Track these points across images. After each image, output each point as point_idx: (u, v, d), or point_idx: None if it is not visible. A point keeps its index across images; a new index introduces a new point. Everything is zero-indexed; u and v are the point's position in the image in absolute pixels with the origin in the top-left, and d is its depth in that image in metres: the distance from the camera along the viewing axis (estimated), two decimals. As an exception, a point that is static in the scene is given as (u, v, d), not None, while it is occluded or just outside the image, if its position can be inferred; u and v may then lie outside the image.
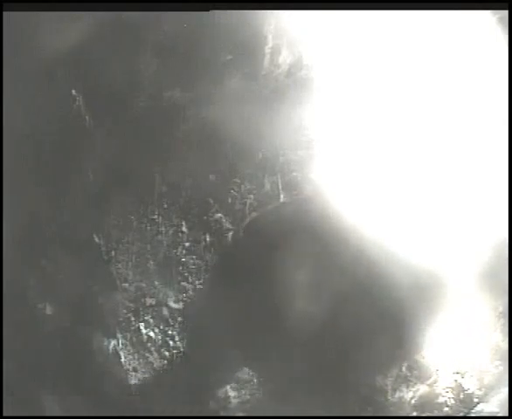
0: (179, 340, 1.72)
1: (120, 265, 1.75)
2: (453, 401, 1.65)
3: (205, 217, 1.78)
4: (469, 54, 1.71)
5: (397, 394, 1.66)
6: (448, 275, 1.71)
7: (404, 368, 1.67)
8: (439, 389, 1.66)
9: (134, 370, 1.70)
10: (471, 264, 1.70)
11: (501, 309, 1.67)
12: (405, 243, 1.73)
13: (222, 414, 1.69)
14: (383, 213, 1.75)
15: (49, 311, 1.70)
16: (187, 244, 1.77)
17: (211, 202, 1.78)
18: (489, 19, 1.68)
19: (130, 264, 1.75)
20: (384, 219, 1.75)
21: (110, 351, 1.71)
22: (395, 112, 1.75)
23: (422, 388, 1.67)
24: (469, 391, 1.65)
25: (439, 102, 1.73)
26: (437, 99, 1.73)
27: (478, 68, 1.71)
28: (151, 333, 1.72)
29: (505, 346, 1.65)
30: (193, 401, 1.70)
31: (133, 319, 1.73)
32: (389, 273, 1.71)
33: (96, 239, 1.75)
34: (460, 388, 1.66)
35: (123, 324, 1.73)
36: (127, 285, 1.74)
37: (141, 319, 1.73)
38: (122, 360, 1.70)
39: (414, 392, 1.67)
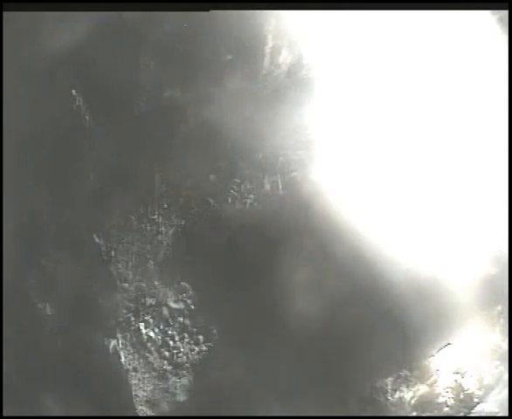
0: (179, 340, 1.72)
1: (120, 265, 1.75)
2: (453, 401, 1.65)
3: (205, 217, 1.78)
4: (469, 54, 1.71)
5: (397, 395, 1.66)
6: (448, 275, 1.71)
7: (404, 368, 1.67)
8: (439, 389, 1.66)
9: (135, 370, 1.70)
10: (470, 263, 1.70)
11: (500, 309, 1.67)
12: (405, 244, 1.73)
13: (222, 414, 1.69)
14: (382, 214, 1.75)
15: (49, 311, 1.70)
16: (187, 244, 1.77)
17: (211, 202, 1.78)
18: (489, 19, 1.68)
19: (130, 264, 1.75)
20: (383, 220, 1.75)
21: (110, 351, 1.71)
22: (395, 112, 1.75)
23: (422, 388, 1.67)
24: (469, 391, 1.65)
25: (440, 102, 1.73)
26: (437, 100, 1.73)
27: (478, 68, 1.71)
28: (151, 333, 1.73)
29: (505, 346, 1.65)
30: (194, 400, 1.70)
31: (133, 319, 1.73)
32: (388, 273, 1.71)
33: (96, 239, 1.75)
34: (460, 388, 1.66)
35: (123, 324, 1.73)
36: (127, 285, 1.74)
37: (141, 319, 1.73)
38: (122, 360, 1.70)
39: (414, 392, 1.67)
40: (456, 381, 1.66)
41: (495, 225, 1.69)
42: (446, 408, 1.65)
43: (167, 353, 1.71)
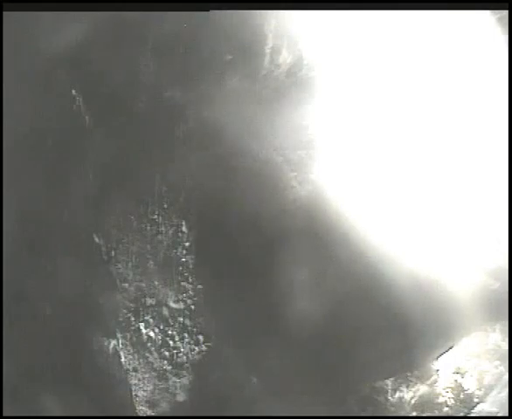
0: (179, 340, 1.72)
1: (120, 265, 1.75)
2: (453, 401, 1.65)
3: (205, 217, 1.78)
4: (469, 54, 1.71)
5: (397, 395, 1.67)
6: (447, 274, 1.71)
7: (404, 368, 1.67)
8: (439, 389, 1.66)
9: (134, 370, 1.70)
10: (470, 262, 1.70)
11: (500, 307, 1.67)
12: (404, 244, 1.73)
13: (222, 414, 1.69)
14: (382, 213, 1.75)
15: (49, 311, 1.70)
16: (187, 244, 1.77)
17: (211, 202, 1.78)
18: (489, 19, 1.68)
19: (130, 264, 1.75)
20: (383, 219, 1.75)
21: (110, 351, 1.71)
22: (395, 112, 1.75)
23: (422, 388, 1.67)
24: (469, 391, 1.65)
25: (440, 102, 1.73)
26: (437, 99, 1.73)
27: (478, 68, 1.71)
28: (151, 333, 1.73)
29: (505, 346, 1.66)
30: (194, 400, 1.70)
31: (133, 319, 1.73)
32: (388, 273, 1.71)
33: (96, 239, 1.75)
34: (460, 388, 1.66)
35: (123, 324, 1.73)
36: (127, 285, 1.74)
37: (141, 319, 1.73)
38: (122, 360, 1.71)
39: (414, 392, 1.67)
40: (456, 381, 1.66)
41: (494, 224, 1.69)
42: (446, 408, 1.65)
43: (167, 353, 1.72)
